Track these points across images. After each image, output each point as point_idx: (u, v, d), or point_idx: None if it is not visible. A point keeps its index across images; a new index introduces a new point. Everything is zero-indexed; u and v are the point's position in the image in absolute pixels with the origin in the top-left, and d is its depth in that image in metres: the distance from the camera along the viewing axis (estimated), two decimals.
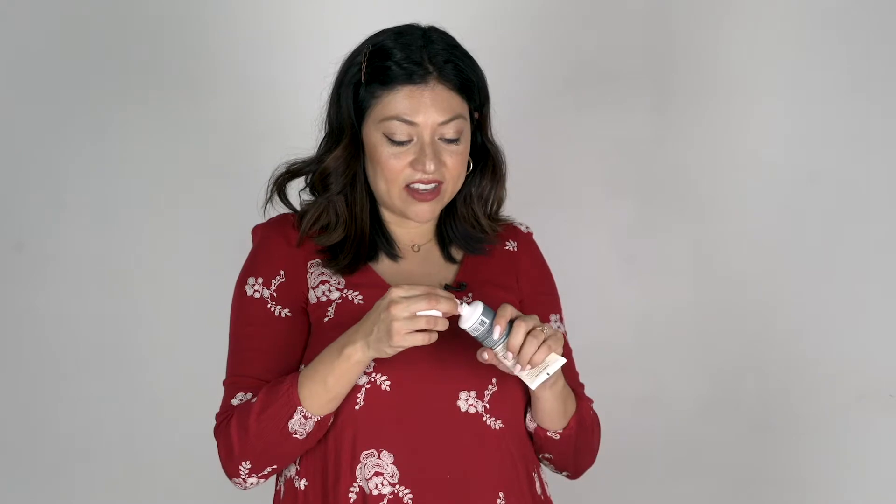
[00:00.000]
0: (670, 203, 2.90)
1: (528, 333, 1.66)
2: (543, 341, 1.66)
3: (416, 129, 1.78)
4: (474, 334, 1.67)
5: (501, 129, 1.92)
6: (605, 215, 2.91)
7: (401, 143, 1.78)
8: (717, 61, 2.88)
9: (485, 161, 1.89)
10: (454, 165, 1.81)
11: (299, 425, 1.73)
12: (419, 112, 1.77)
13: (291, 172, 1.89)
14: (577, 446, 1.87)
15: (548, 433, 1.84)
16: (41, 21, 2.87)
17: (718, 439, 2.89)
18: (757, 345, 2.89)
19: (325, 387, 1.71)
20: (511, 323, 1.67)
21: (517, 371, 1.68)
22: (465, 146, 1.82)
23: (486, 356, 1.69)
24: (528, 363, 1.66)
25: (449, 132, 1.79)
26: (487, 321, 1.66)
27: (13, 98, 2.89)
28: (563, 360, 1.68)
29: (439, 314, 1.63)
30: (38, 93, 2.88)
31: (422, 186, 1.80)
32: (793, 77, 2.87)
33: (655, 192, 2.91)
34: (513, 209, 1.98)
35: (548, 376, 1.68)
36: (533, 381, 1.68)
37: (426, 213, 1.83)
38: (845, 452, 2.86)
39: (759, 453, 2.88)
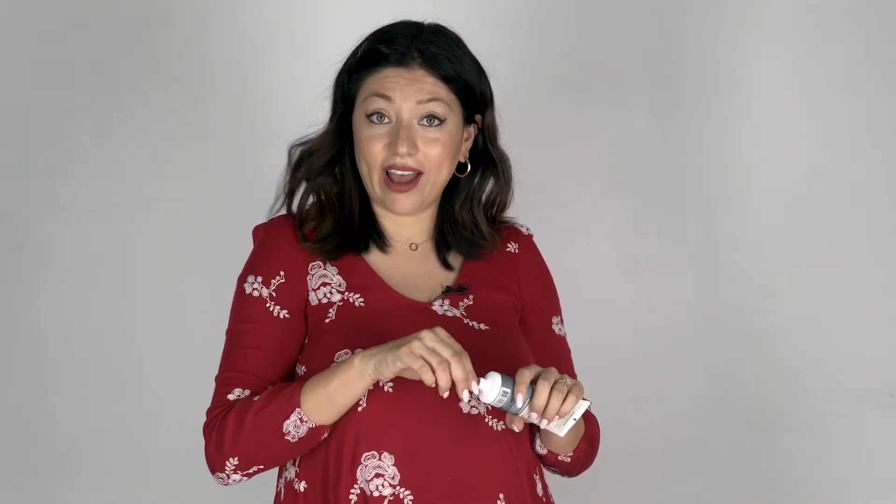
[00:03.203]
0: (670, 203, 2.90)
1: (551, 390, 1.66)
2: (568, 392, 1.66)
3: (393, 107, 1.79)
4: (498, 406, 1.68)
5: (502, 129, 1.92)
6: (605, 215, 2.90)
7: (377, 123, 1.80)
8: (717, 61, 2.88)
9: (486, 166, 1.89)
10: (434, 155, 1.80)
11: (293, 427, 1.72)
12: (396, 89, 1.78)
13: (303, 143, 1.88)
14: (584, 461, 1.89)
15: (558, 457, 1.85)
16: (41, 21, 2.87)
17: (718, 439, 2.89)
18: (757, 345, 2.89)
19: (326, 392, 1.71)
20: (533, 382, 1.67)
21: (545, 425, 1.69)
22: (447, 136, 1.81)
23: (516, 427, 1.72)
24: (557, 414, 1.67)
25: (427, 111, 1.79)
26: (508, 391, 1.66)
27: (13, 98, 2.88)
28: (588, 403, 1.69)
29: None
30: (39, 93, 2.88)
31: (398, 172, 1.80)
32: (793, 77, 2.87)
33: (655, 192, 2.91)
34: (512, 209, 1.98)
35: (574, 421, 1.68)
36: (561, 429, 1.69)
37: (405, 204, 1.83)
38: (845, 452, 2.86)
39: (759, 453, 2.88)
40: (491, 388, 1.66)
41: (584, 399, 1.68)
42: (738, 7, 2.88)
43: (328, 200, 1.86)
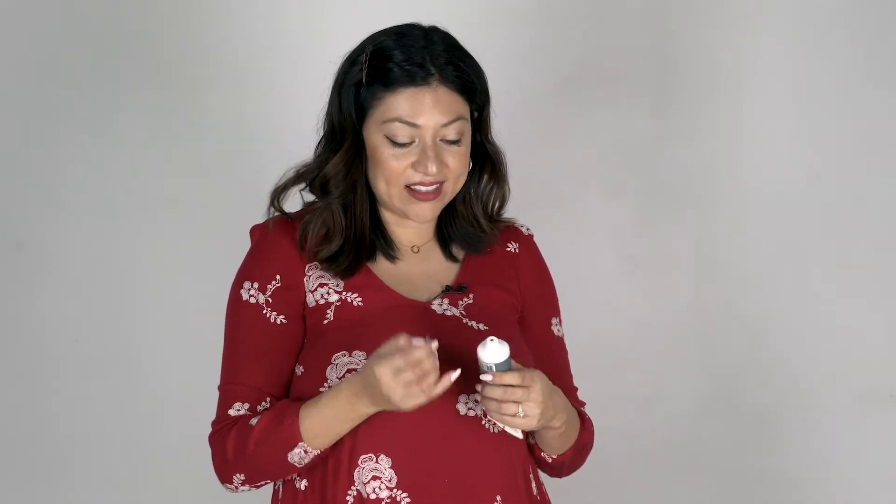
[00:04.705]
0: (670, 203, 2.90)
1: (512, 400, 1.67)
2: (514, 416, 1.68)
3: (417, 131, 1.77)
4: (479, 360, 1.69)
5: (501, 129, 1.91)
6: (605, 215, 2.91)
7: (402, 145, 1.78)
8: (716, 61, 2.89)
9: (483, 161, 1.89)
10: (456, 165, 1.80)
11: (299, 457, 1.74)
12: (421, 114, 1.76)
13: (296, 178, 1.86)
14: (570, 466, 1.90)
15: (542, 454, 1.86)
16: (41, 21, 2.87)
17: (718, 439, 2.89)
18: (757, 345, 2.89)
19: (329, 432, 1.72)
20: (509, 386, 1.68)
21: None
22: (465, 147, 1.82)
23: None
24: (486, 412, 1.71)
25: (450, 134, 1.79)
26: (489, 366, 1.68)
27: (13, 98, 2.88)
28: (519, 436, 1.76)
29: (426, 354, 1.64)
30: (38, 93, 2.88)
31: (423, 188, 1.80)
32: (792, 77, 2.87)
33: (655, 192, 2.91)
34: (512, 209, 1.98)
35: (502, 427, 1.74)
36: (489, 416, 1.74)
37: (427, 212, 1.82)
38: (845, 452, 2.86)
39: (759, 453, 2.88)
40: (489, 352, 1.67)
41: (518, 435, 1.75)
42: (738, 7, 2.88)
43: (336, 220, 1.83)
